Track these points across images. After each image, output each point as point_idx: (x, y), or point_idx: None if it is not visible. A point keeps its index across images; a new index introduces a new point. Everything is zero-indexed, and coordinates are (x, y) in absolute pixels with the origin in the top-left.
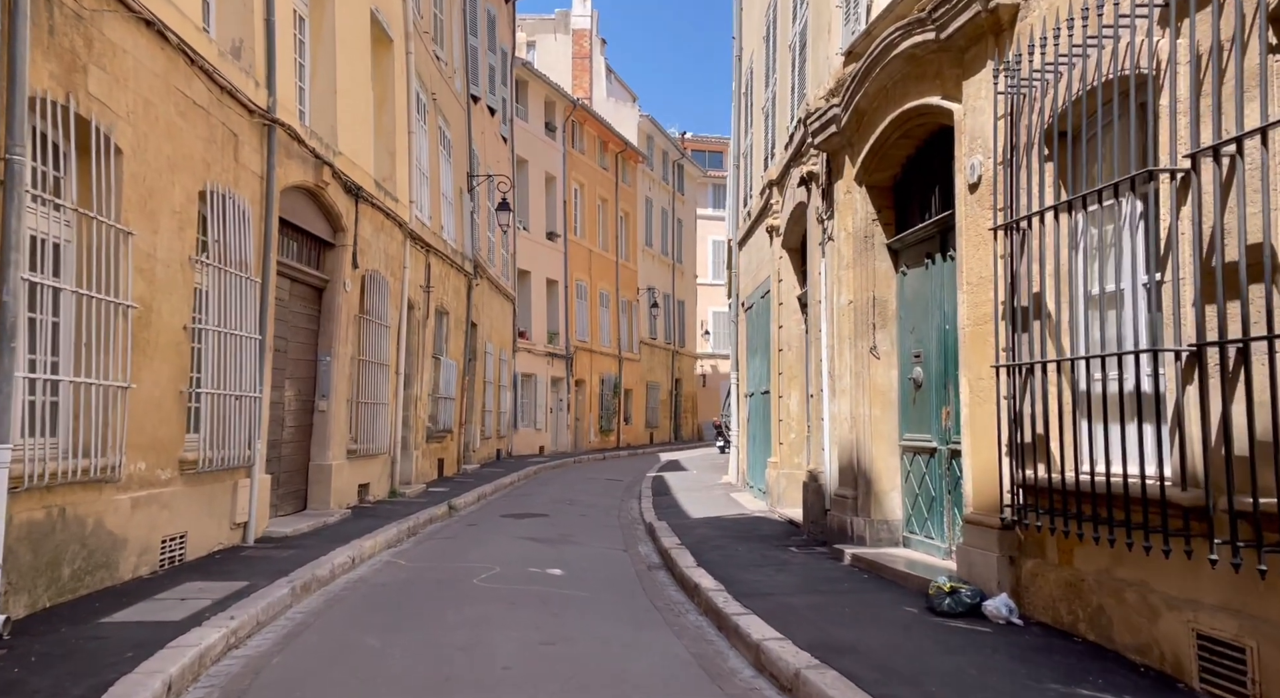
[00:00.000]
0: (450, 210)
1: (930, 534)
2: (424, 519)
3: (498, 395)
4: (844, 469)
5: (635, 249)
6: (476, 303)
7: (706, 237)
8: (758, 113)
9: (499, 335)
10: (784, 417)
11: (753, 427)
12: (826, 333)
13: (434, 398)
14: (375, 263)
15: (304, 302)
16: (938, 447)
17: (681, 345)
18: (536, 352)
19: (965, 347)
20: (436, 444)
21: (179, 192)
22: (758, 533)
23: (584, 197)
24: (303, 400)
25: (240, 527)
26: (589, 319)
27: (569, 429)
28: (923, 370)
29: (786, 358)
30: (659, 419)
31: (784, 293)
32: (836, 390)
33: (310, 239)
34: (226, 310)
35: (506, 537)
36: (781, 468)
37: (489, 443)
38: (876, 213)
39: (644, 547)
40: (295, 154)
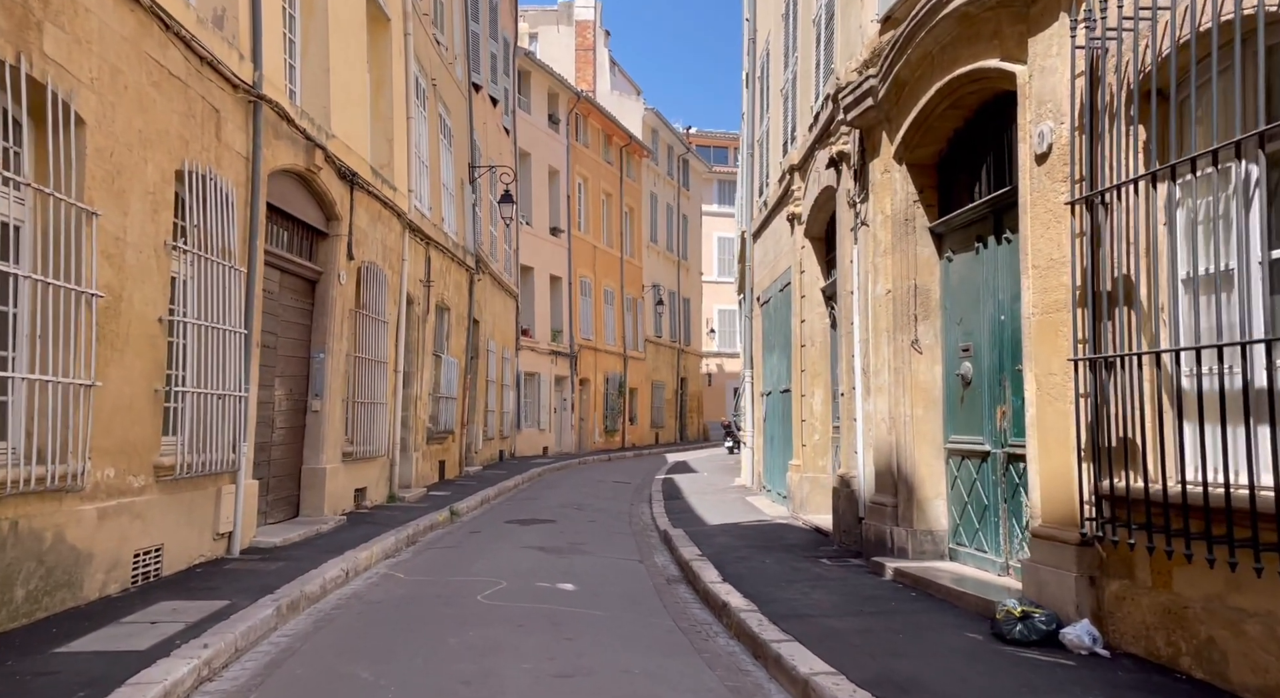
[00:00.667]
0: (451, 202)
1: (982, 547)
2: (424, 526)
3: (500, 395)
4: (881, 474)
5: (640, 245)
6: (478, 299)
7: (712, 233)
8: (775, 96)
9: (501, 333)
10: (807, 417)
11: (770, 427)
12: (860, 326)
13: (435, 398)
14: (372, 255)
15: (295, 295)
16: (991, 450)
17: (687, 344)
18: (540, 350)
19: (1031, 338)
20: (437, 446)
21: (152, 170)
22: (783, 542)
23: (588, 191)
24: (294, 400)
25: (224, 537)
26: (593, 317)
27: (573, 430)
28: (972, 366)
29: (809, 354)
30: (664, 419)
31: (806, 285)
32: (872, 388)
33: (302, 228)
34: (208, 302)
35: (512, 546)
36: (804, 471)
37: (491, 444)
38: (918, 193)
39: (660, 557)
40: (284, 135)
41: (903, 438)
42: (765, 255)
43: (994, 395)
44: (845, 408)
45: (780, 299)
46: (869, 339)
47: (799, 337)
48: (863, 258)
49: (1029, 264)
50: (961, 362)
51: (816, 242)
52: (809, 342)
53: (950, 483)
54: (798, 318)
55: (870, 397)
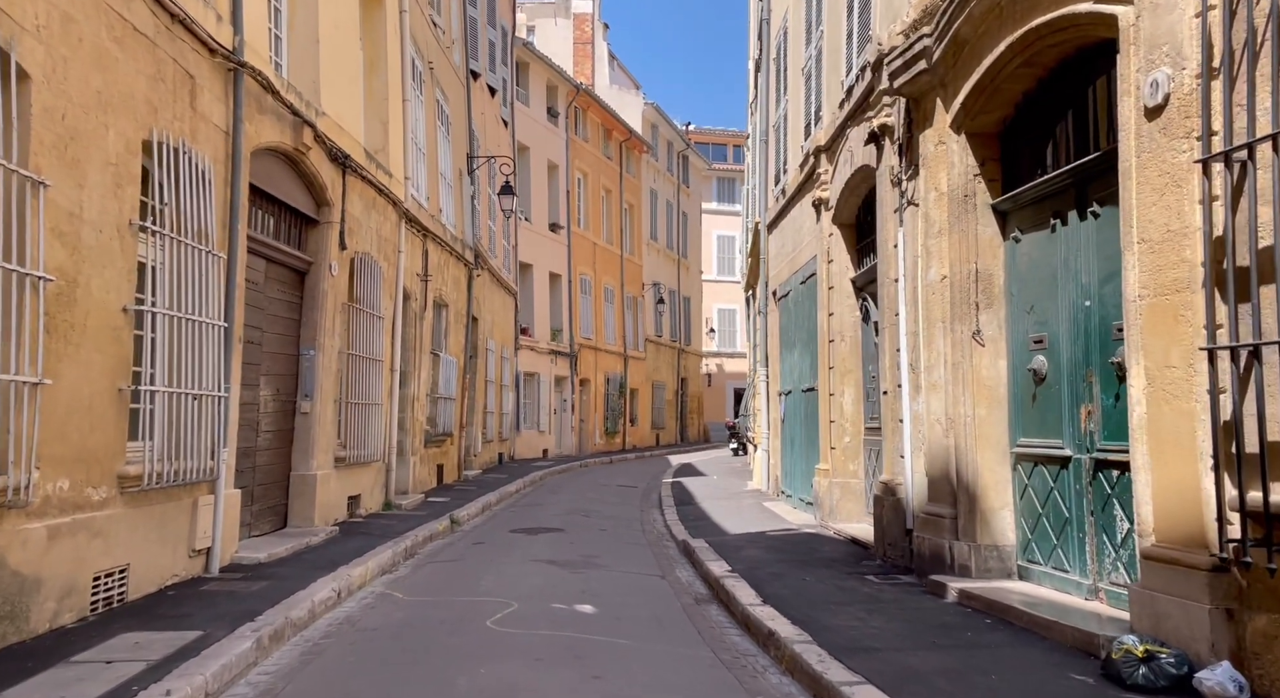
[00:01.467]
0: (449, 193)
1: (1062, 565)
2: (423, 537)
3: (499, 396)
4: (936, 482)
5: (640, 243)
6: (477, 296)
7: (712, 231)
8: (795, 77)
9: (501, 331)
10: (836, 418)
11: (789, 429)
12: (907, 317)
13: (432, 398)
14: (366, 245)
15: (283, 286)
16: (1073, 455)
17: (687, 344)
18: (539, 349)
19: (1140, 326)
20: (435, 449)
21: (114, 138)
22: (818, 555)
23: (587, 187)
24: (282, 401)
25: (201, 553)
26: (593, 315)
27: (573, 431)
28: (1046, 360)
29: (839, 350)
30: (665, 420)
31: (834, 275)
32: (924, 386)
33: (290, 213)
34: (183, 291)
35: (520, 559)
36: (834, 477)
37: (490, 446)
38: (979, 166)
39: (683, 571)
40: (269, 109)
41: (962, 441)
42: (783, 247)
43: (1076, 393)
44: (888, 408)
45: (802, 292)
46: (919, 331)
47: (826, 331)
48: (910, 241)
49: (1134, 238)
50: (1033, 355)
51: (846, 228)
52: (838, 336)
53: (1019, 492)
54: (824, 311)
55: (921, 395)
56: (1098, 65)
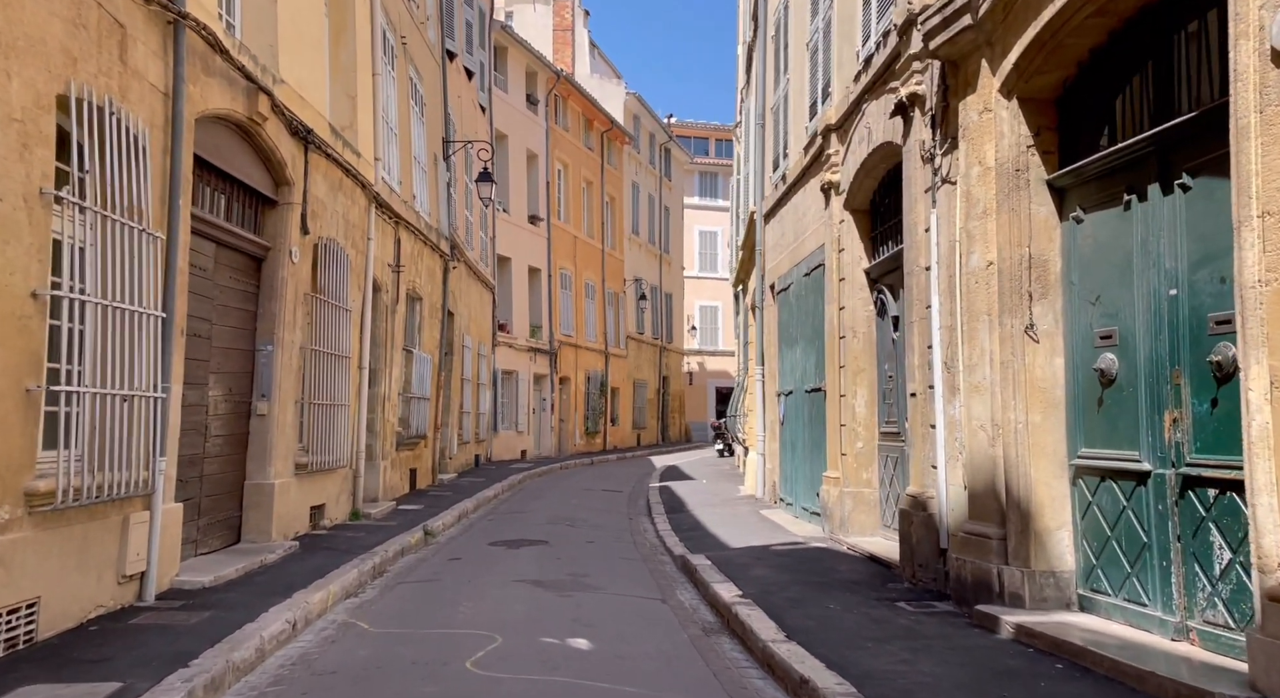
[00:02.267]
0: (423, 179)
1: (1139, 598)
2: (394, 552)
3: (476, 395)
4: (979, 496)
5: (622, 237)
6: (453, 289)
7: (694, 227)
8: (798, 52)
9: (478, 327)
10: (848, 421)
11: (790, 432)
12: (941, 310)
13: (405, 398)
14: (332, 230)
15: (236, 274)
16: (1154, 470)
17: (669, 341)
18: (518, 346)
19: (1260, 317)
20: (408, 452)
21: (20, 89)
22: (837, 576)
23: (568, 178)
24: (235, 402)
25: (134, 580)
26: (574, 311)
27: (553, 431)
28: (1117, 358)
29: (850, 347)
30: (646, 420)
31: (846, 266)
32: (963, 387)
33: (244, 192)
34: (111, 274)
35: (502, 578)
36: (845, 485)
37: (467, 448)
38: (1033, 137)
39: (684, 593)
40: (217, 71)
41: (1012, 451)
42: (783, 237)
43: (1158, 397)
44: (916, 412)
45: (806, 285)
46: (958, 326)
47: (836, 327)
48: (945, 224)
49: (1253, 212)
50: (1099, 353)
51: (859, 214)
52: (850, 332)
53: (1079, 510)
54: (834, 304)
55: (958, 398)
56: (1186, 7)
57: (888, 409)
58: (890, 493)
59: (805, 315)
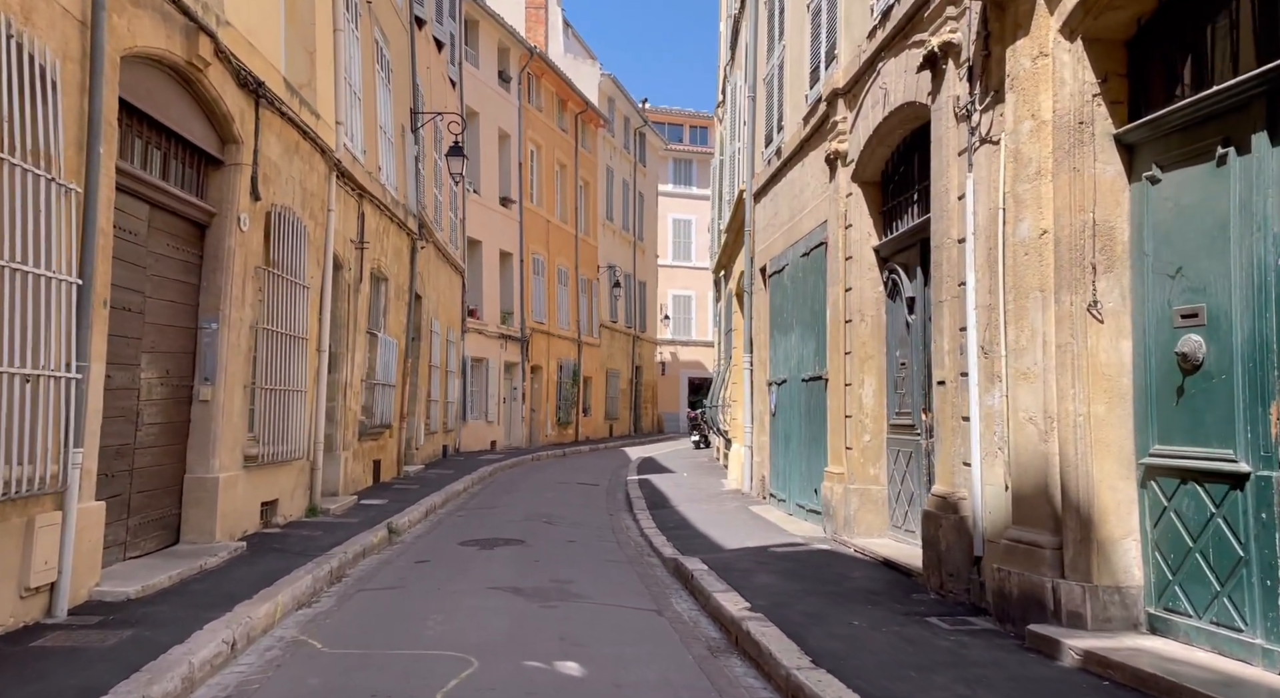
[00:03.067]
0: (390, 151)
1: (1232, 622)
2: (354, 553)
3: (445, 382)
4: (1027, 498)
5: (595, 223)
6: (421, 271)
7: (668, 214)
8: (797, 15)
9: (447, 312)
10: (854, 412)
11: (783, 424)
12: (978, 287)
13: (369, 385)
14: (287, 197)
15: (176, 242)
16: (1252, 471)
17: (643, 330)
18: (488, 333)
19: None
20: (371, 443)
21: None
22: (851, 584)
23: (541, 160)
24: (174, 386)
25: (42, 591)
26: (546, 298)
27: (524, 421)
28: (1205, 340)
29: (857, 332)
30: (619, 410)
31: (854, 243)
32: (1007, 374)
33: (185, 150)
34: (8, 230)
35: (476, 585)
36: (850, 482)
37: (434, 439)
38: (1099, 84)
39: (681, 602)
40: (148, 2)
41: (1070, 448)
42: (776, 216)
43: (1260, 385)
44: (945, 403)
45: (805, 266)
46: (1001, 304)
47: (841, 310)
48: (985, 190)
49: None
50: (1180, 334)
51: (869, 187)
52: (856, 316)
53: (1151, 517)
54: (839, 286)
55: (998, 387)
56: None
57: (899, 399)
58: (902, 491)
59: (803, 299)
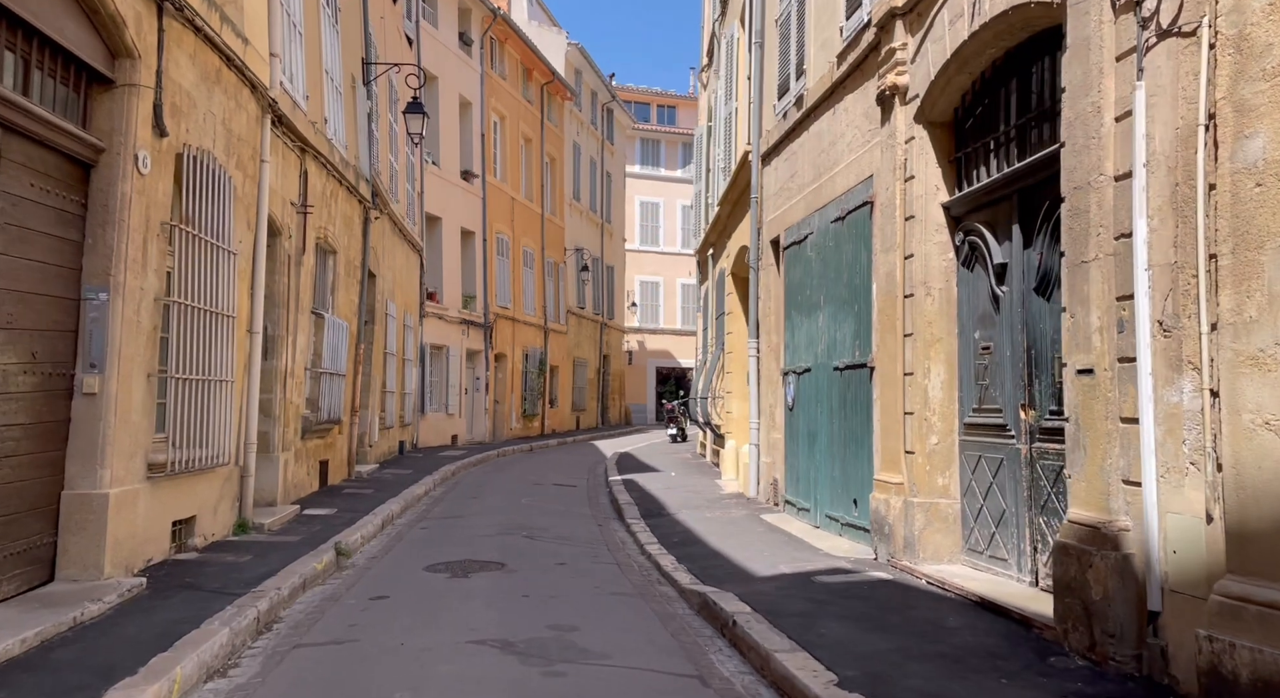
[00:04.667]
0: (338, 102)
1: None
2: (290, 588)
3: (401, 372)
4: (1263, 537)
5: (562, 202)
6: (376, 246)
7: (634, 197)
8: None
9: (404, 294)
10: (916, 407)
11: (804, 419)
12: (1154, 239)
13: (314, 374)
14: (206, 138)
15: (46, 183)
16: None
17: (611, 317)
18: (449, 318)
19: None
20: (317, 441)
21: None
22: (953, 638)
23: (505, 132)
24: (45, 374)
25: None
26: (511, 281)
27: (487, 414)
28: None
29: (921, 309)
30: (586, 401)
31: (916, 200)
32: (1226, 359)
33: (55, 56)
34: None
35: (451, 637)
36: (912, 494)
37: (389, 434)
38: None
39: (726, 662)
40: None
41: None
42: (794, 178)
43: None
44: (1094, 398)
45: (838, 233)
46: (1200, 261)
47: (899, 282)
48: (1168, 102)
49: None
50: None
51: (939, 130)
52: (921, 289)
53: None
54: (895, 253)
55: (1193, 376)
56: None
57: (980, 392)
58: (986, 508)
59: (836, 272)
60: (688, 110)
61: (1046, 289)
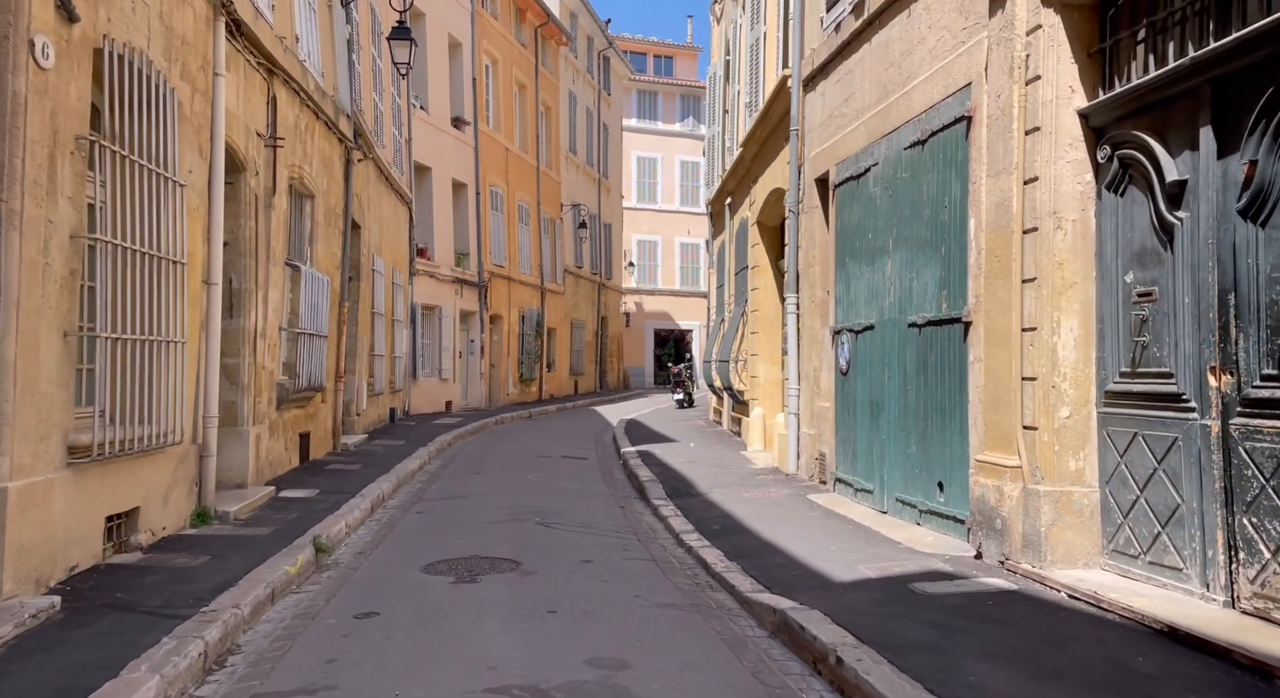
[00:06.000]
0: (312, 20)
1: None
2: (252, 605)
3: (391, 333)
4: None
5: (558, 155)
6: (360, 193)
7: (631, 152)
8: None
9: (392, 249)
10: (1041, 372)
11: (863, 385)
12: None
13: (292, 335)
14: (137, 35)
15: None
16: None
17: (609, 277)
18: (441, 276)
19: None
20: (297, 411)
21: None
22: (1150, 687)
23: (498, 77)
24: None
25: None
26: (506, 238)
27: (483, 378)
28: None
29: (1050, 247)
30: (584, 365)
31: (1040, 107)
32: None
33: None
34: None
35: (461, 676)
36: (1036, 481)
37: (379, 401)
38: None
39: None
40: None
41: None
42: (849, 101)
43: None
44: None
45: (915, 161)
46: None
47: (1017, 214)
48: None
49: None
50: None
51: (1076, 13)
52: (1049, 221)
53: None
54: (1010, 177)
55: None
56: None
57: (1135, 352)
58: (1145, 501)
59: (912, 208)
60: (686, 61)
61: (1262, 210)
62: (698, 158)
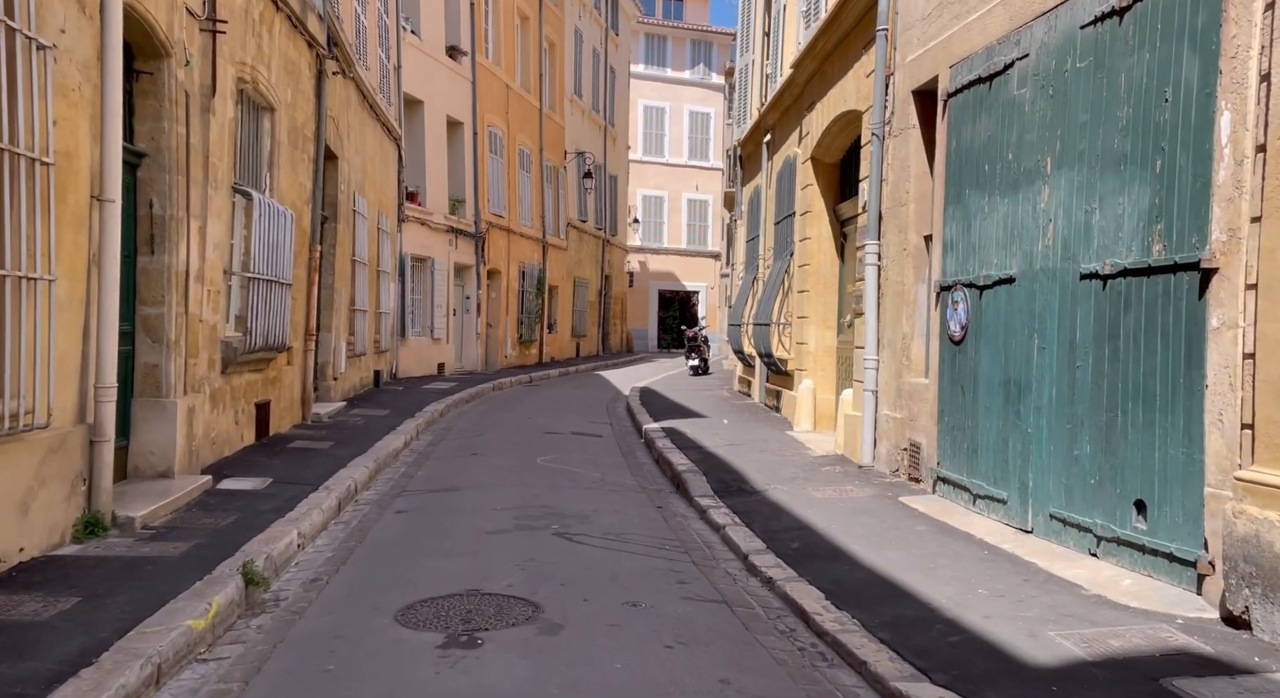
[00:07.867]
0: None
1: None
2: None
3: (375, 286)
4: None
5: (562, 97)
6: (337, 116)
7: (638, 100)
8: None
9: (377, 190)
10: None
11: (990, 358)
12: None
13: (243, 280)
14: None
15: None
16: None
17: (613, 234)
18: (434, 224)
19: None
20: (252, 375)
21: None
22: None
23: (498, 3)
24: None
25: None
26: (506, 185)
27: (479, 339)
28: None
29: None
30: (586, 326)
31: None
32: None
33: None
34: None
35: None
36: None
37: (361, 363)
38: None
39: None
40: None
41: None
42: None
43: None
44: None
45: (1106, 41)
46: None
47: None
48: None
49: None
50: None
51: None
52: None
53: None
54: None
55: None
56: None
57: None
58: None
59: (1095, 108)
60: (697, 4)
61: None
62: (708, 108)
